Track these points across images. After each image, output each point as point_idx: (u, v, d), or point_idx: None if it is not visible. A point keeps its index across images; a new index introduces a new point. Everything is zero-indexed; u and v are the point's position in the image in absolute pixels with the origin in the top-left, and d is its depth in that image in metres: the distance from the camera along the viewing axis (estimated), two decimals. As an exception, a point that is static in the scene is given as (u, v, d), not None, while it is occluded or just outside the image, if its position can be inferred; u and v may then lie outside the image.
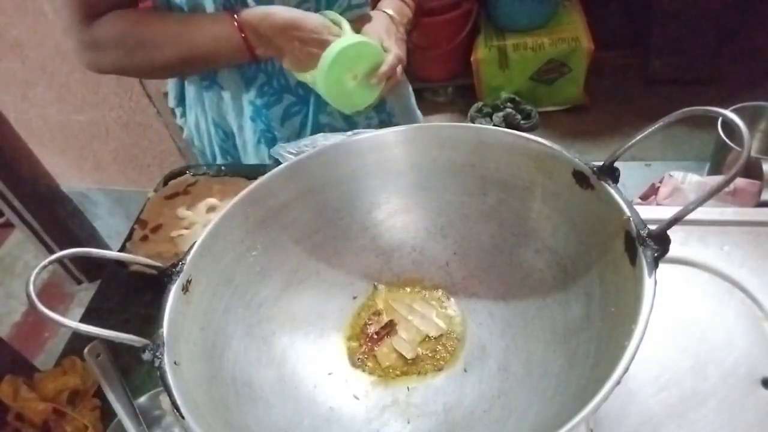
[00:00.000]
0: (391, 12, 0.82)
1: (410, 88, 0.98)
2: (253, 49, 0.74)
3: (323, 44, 0.71)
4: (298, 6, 0.76)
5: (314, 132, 0.87)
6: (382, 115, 0.91)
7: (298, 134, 0.88)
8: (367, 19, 0.80)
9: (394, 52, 0.76)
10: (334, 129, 0.87)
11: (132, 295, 0.73)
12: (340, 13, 0.79)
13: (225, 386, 0.45)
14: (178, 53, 0.75)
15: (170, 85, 0.92)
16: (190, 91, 0.88)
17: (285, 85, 0.84)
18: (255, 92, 0.84)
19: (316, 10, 0.78)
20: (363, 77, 0.74)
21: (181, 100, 0.91)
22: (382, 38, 0.77)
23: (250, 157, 0.91)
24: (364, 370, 0.52)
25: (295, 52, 0.72)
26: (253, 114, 0.85)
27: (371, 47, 0.73)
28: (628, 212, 0.40)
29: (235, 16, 0.72)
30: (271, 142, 0.87)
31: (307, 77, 0.75)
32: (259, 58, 0.76)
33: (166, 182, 0.82)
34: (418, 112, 1.01)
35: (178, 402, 0.37)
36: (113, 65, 0.77)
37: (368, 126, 0.89)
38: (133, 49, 0.74)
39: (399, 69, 0.77)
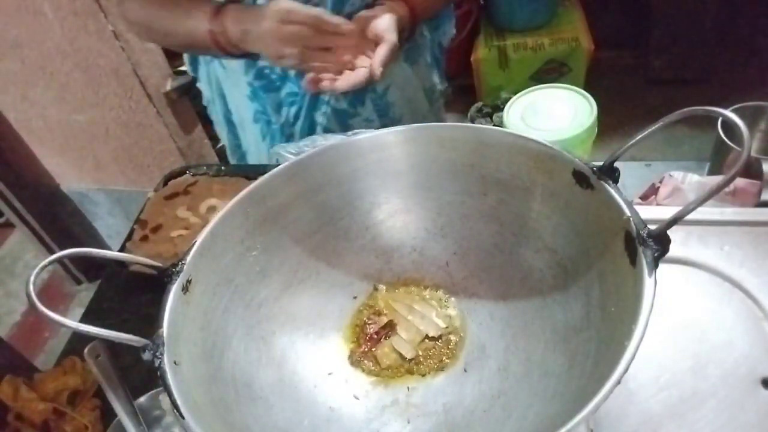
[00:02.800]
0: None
1: (415, 82, 0.92)
2: (227, 50, 0.74)
3: (316, 19, 0.67)
4: (305, 3, 0.73)
5: (308, 127, 0.86)
6: (384, 119, 0.89)
7: (292, 125, 0.87)
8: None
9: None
10: (327, 131, 0.85)
11: (132, 295, 0.73)
12: (353, 12, 0.76)
13: (225, 386, 0.45)
14: (177, 44, 0.83)
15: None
16: (204, 59, 0.90)
17: (285, 72, 0.83)
18: (254, 74, 0.84)
19: (323, 7, 0.75)
20: None
21: (194, 62, 0.93)
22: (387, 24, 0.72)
23: (247, 134, 0.92)
24: (364, 370, 0.52)
25: (302, 40, 0.68)
26: (251, 94, 0.85)
27: None
28: (628, 212, 0.40)
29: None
30: (267, 124, 0.88)
31: None
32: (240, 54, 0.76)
33: (166, 182, 0.82)
34: (427, 101, 0.95)
35: (178, 402, 0.37)
36: (139, 35, 0.87)
37: (368, 128, 0.87)
38: (145, 32, 0.83)
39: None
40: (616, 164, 0.43)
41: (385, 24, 0.72)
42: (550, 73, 1.92)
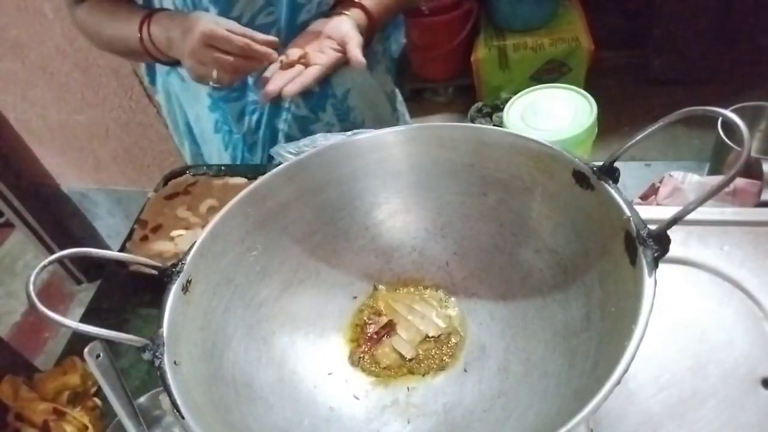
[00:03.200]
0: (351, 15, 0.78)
1: (374, 83, 0.92)
2: (160, 59, 0.76)
3: (245, 49, 0.68)
4: (258, 13, 0.76)
5: (270, 135, 0.87)
6: (345, 123, 0.88)
7: (254, 133, 0.87)
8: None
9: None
10: (289, 137, 0.85)
11: (132, 295, 0.73)
12: (309, 19, 0.78)
13: (225, 386, 0.45)
14: (119, 51, 0.82)
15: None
16: (160, 70, 0.90)
17: (245, 82, 0.83)
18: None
19: (278, 19, 0.78)
20: None
21: (151, 73, 0.92)
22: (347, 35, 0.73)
23: (209, 145, 0.92)
24: (364, 370, 0.52)
25: (224, 66, 0.69)
26: (211, 105, 0.86)
27: None
28: (628, 212, 0.40)
29: (147, 25, 0.73)
30: (228, 134, 0.88)
31: None
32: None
33: (166, 182, 0.82)
34: (389, 106, 0.96)
35: (178, 402, 0.37)
36: (90, 40, 0.85)
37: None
38: (93, 38, 0.82)
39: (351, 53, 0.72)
40: (616, 164, 0.43)
41: (346, 26, 0.74)
42: (550, 73, 1.92)
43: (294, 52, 0.74)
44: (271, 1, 0.76)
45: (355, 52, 0.71)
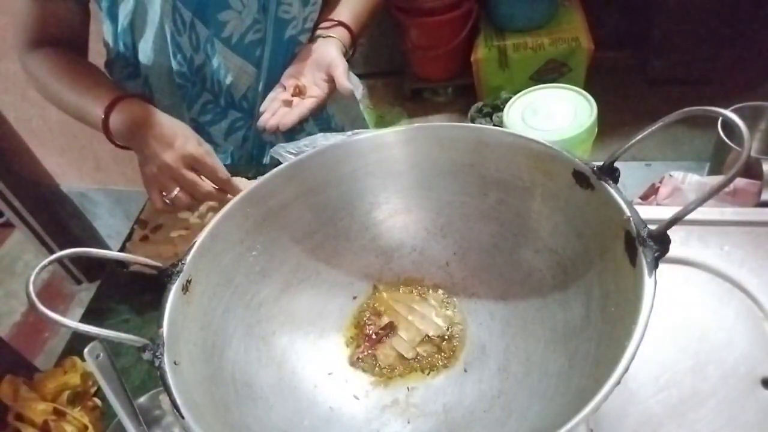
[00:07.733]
0: (337, 37, 0.82)
1: (357, 99, 0.99)
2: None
3: (224, 183, 0.67)
4: (247, 32, 0.77)
5: (258, 146, 0.89)
6: (327, 132, 0.89)
7: (241, 147, 0.89)
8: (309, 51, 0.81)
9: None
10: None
11: (132, 295, 0.73)
12: (295, 35, 0.81)
13: (225, 386, 0.45)
14: (68, 113, 0.77)
15: None
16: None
17: (231, 102, 0.85)
18: (198, 109, 0.85)
19: (265, 36, 0.79)
20: None
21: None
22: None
23: None
24: (364, 370, 0.52)
25: (197, 193, 0.66)
26: (196, 129, 0.85)
27: None
28: (628, 212, 0.40)
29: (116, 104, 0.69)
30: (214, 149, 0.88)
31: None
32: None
33: (166, 182, 0.82)
34: (358, 107, 1.02)
35: (178, 402, 0.37)
36: (37, 90, 0.79)
37: None
38: (40, 90, 0.78)
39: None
40: (616, 164, 0.43)
41: (333, 53, 0.78)
42: (550, 73, 1.92)
43: (290, 83, 0.79)
44: (259, 19, 0.78)
45: (342, 80, 0.76)
